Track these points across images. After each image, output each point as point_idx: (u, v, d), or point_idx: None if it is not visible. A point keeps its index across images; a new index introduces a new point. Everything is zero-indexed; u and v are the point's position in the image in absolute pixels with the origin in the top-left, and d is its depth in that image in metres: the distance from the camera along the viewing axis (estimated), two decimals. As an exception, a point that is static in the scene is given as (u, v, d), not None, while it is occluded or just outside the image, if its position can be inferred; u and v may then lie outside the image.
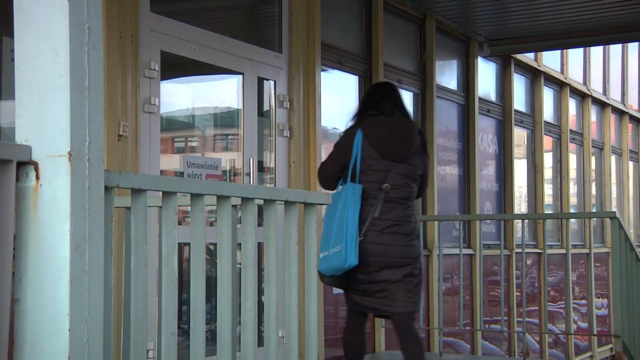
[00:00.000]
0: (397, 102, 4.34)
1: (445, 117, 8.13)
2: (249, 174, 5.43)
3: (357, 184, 4.13)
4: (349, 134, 4.24)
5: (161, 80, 4.82)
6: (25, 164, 1.84)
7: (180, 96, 5.41)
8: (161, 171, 4.91)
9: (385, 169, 4.16)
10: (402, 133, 4.21)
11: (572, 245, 10.20)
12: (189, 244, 2.35)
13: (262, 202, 2.62)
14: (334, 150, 4.29)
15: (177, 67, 5.23)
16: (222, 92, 5.69)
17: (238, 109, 5.52)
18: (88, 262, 1.86)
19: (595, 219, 11.04)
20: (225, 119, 5.68)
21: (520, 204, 9.75)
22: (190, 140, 5.61)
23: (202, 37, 5.14)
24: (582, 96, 11.25)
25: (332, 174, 4.24)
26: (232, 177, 5.47)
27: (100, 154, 1.91)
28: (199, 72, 5.49)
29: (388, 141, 4.18)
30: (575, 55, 10.95)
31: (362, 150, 4.14)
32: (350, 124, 4.36)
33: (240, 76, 5.50)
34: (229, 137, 5.67)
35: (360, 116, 4.34)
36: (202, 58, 5.14)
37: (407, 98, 7.63)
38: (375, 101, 4.33)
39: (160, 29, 4.82)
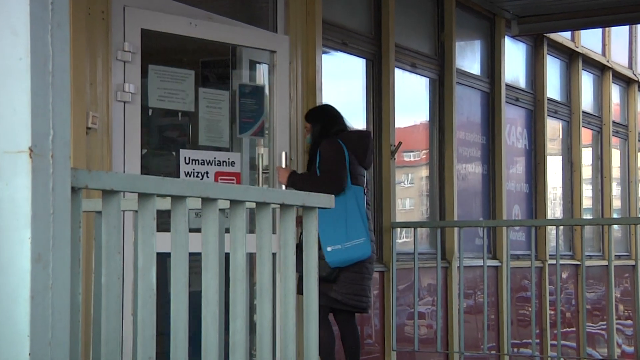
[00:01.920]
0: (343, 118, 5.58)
1: (466, 106, 8.14)
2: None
3: (357, 187, 5.34)
4: (335, 145, 5.33)
5: (149, 64, 4.84)
6: (-21, 162, 1.85)
7: (183, 81, 5.39)
8: (146, 170, 4.93)
9: (363, 174, 5.44)
10: (369, 143, 5.49)
11: (615, 256, 10.20)
12: (169, 253, 2.35)
13: (254, 205, 2.63)
14: (335, 160, 5.30)
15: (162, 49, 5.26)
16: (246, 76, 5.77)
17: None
18: (52, 275, 1.87)
19: (641, 225, 11.02)
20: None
21: (555, 208, 9.75)
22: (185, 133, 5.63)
23: (185, 14, 5.14)
24: (627, 82, 11.25)
25: (344, 179, 5.32)
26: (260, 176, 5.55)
27: (67, 150, 1.92)
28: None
29: (363, 151, 5.42)
30: (619, 34, 10.95)
31: (349, 159, 5.34)
32: (324, 140, 5.40)
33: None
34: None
35: (326, 133, 5.42)
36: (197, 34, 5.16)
37: (423, 84, 7.64)
38: (335, 119, 5.50)
39: (134, 3, 4.82)
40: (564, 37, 9.64)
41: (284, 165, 5.47)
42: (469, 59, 8.28)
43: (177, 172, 5.09)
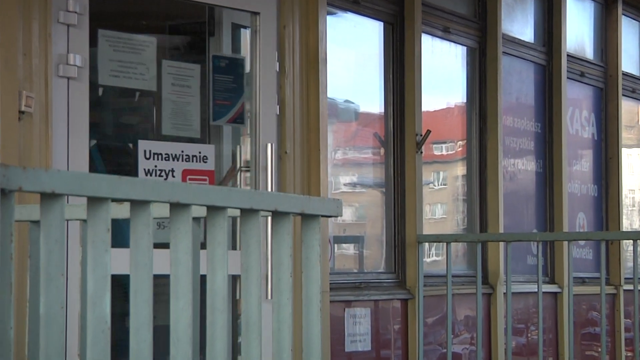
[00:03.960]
0: None
1: (516, 83, 8.13)
2: (265, 168, 5.48)
3: None
4: None
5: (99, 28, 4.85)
6: None
7: (141, 53, 5.42)
8: (94, 167, 4.94)
9: None
10: None
11: None
12: (128, 276, 2.37)
13: (238, 212, 2.64)
14: None
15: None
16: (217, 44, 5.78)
17: None
18: (-24, 303, 1.88)
19: None
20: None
21: (632, 217, 9.74)
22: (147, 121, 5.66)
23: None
24: None
25: None
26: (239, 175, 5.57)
27: (-5, 141, 1.93)
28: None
29: None
30: None
31: None
32: None
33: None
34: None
35: None
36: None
37: (459, 54, 7.64)
38: None
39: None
40: (643, -8, 9.63)
41: (269, 161, 5.44)
42: (519, 21, 8.28)
43: (135, 170, 5.10)
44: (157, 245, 2.44)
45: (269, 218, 2.88)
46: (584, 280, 8.49)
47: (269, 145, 5.51)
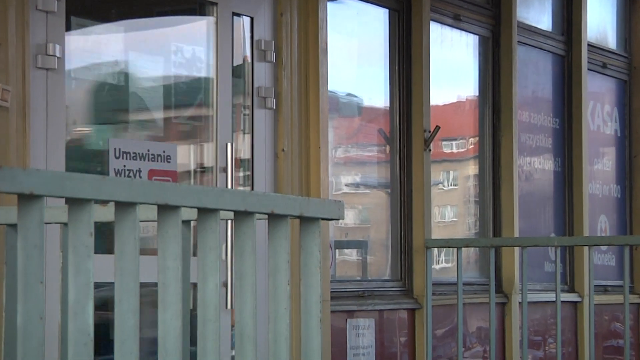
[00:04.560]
0: None
1: (532, 75, 8.13)
2: (225, 170, 5.48)
3: None
4: None
5: (72, 16, 4.85)
6: None
7: (107, 45, 5.43)
8: (70, 166, 4.95)
9: None
10: None
11: None
12: (112, 283, 2.37)
13: (231, 215, 2.64)
14: None
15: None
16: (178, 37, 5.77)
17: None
18: (-52, 313, 1.88)
19: None
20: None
21: (658, 220, 9.74)
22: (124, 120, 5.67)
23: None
24: None
25: None
26: (196, 176, 5.56)
27: (-32, 137, 1.94)
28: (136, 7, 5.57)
29: None
30: None
31: None
32: None
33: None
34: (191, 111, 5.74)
35: None
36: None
37: (470, 44, 7.65)
38: None
39: None
40: (670, -23, 9.63)
41: (229, 162, 5.46)
42: (535, 8, 8.28)
43: (106, 171, 5.10)
44: (142, 252, 2.44)
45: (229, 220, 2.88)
46: (606, 288, 8.49)
47: (228, 144, 5.51)
